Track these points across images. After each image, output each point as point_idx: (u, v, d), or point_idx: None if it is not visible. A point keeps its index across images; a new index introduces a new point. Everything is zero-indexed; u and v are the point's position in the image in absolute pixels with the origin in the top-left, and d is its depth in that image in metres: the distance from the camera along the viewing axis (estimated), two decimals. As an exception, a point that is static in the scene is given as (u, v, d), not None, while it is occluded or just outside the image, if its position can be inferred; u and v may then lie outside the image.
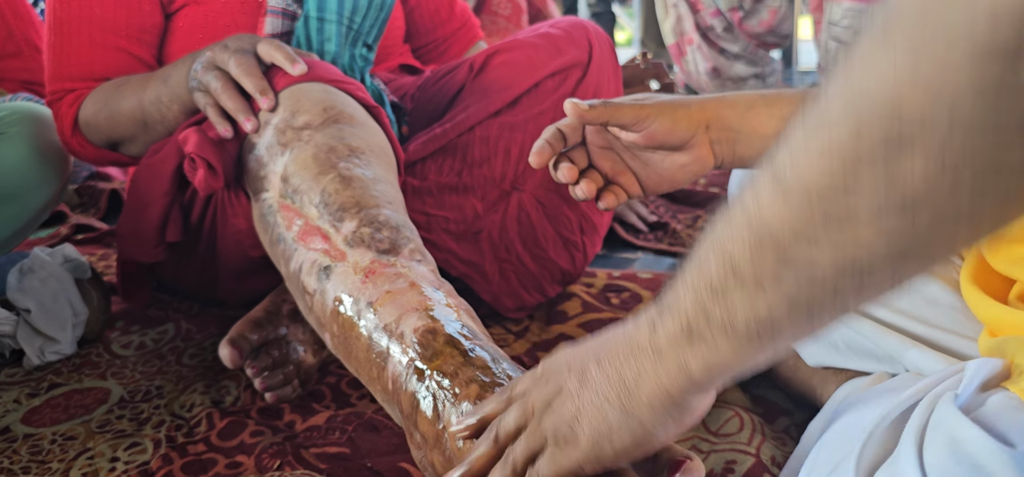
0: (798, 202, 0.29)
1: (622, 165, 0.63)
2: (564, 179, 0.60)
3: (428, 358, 0.53)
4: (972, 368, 0.40)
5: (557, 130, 0.61)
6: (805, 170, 0.28)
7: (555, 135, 0.61)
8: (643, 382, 0.38)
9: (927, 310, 0.55)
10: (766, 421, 0.69)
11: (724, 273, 0.33)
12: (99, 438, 0.73)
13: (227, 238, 0.85)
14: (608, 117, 0.59)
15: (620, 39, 4.19)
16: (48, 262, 0.90)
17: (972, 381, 0.39)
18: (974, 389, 0.39)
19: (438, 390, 0.52)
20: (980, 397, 0.39)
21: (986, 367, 0.40)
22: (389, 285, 0.59)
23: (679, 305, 0.36)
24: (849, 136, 0.27)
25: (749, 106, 0.60)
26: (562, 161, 0.60)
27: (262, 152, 0.71)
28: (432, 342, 0.54)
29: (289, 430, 0.73)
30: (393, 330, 0.56)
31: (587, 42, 0.93)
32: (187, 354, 0.90)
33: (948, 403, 0.37)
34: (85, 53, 0.89)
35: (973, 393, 0.39)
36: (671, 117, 0.59)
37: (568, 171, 0.60)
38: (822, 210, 0.28)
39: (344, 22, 0.92)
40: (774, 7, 1.71)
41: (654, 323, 0.37)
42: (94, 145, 0.92)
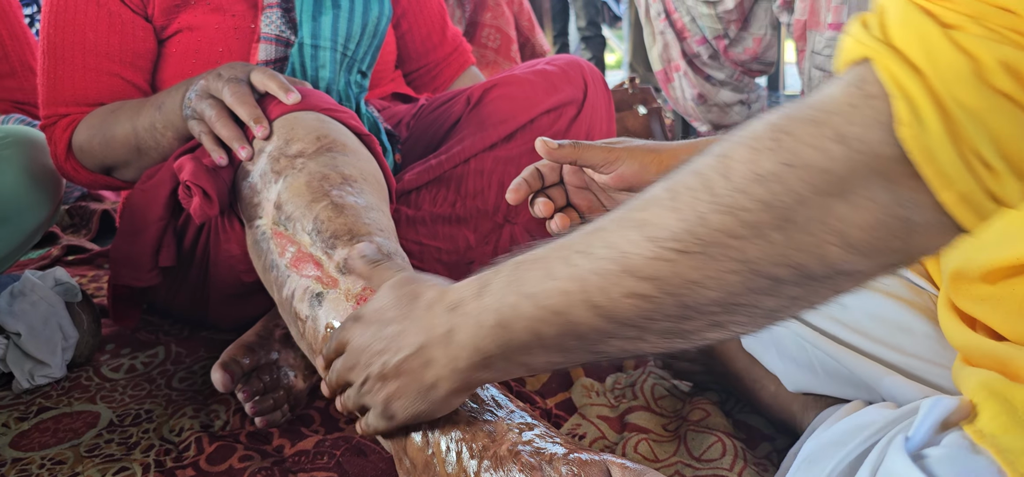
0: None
1: (598, 204, 0.66)
2: (540, 214, 0.63)
3: None
4: (926, 406, 0.41)
5: (535, 169, 0.64)
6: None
7: (532, 174, 0.64)
8: (441, 384, 0.48)
9: (903, 339, 0.57)
10: (748, 446, 0.70)
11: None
12: (88, 462, 0.73)
13: (220, 263, 0.86)
14: (577, 156, 0.61)
15: (610, 61, 4.24)
16: (39, 285, 0.91)
17: (925, 421, 0.40)
18: (929, 428, 0.40)
19: None
20: (935, 437, 0.40)
21: (942, 405, 0.41)
22: None
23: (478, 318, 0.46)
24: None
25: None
26: (539, 197, 0.64)
27: (256, 179, 0.72)
28: None
29: (278, 454, 0.74)
30: None
31: (582, 81, 0.95)
32: (177, 378, 0.90)
33: (898, 448, 0.39)
34: (79, 78, 0.90)
35: (928, 432, 0.40)
36: (640, 161, 0.61)
37: (544, 206, 0.63)
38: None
39: (338, 49, 0.94)
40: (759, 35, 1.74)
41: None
42: (87, 169, 0.93)
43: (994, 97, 0.29)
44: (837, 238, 0.33)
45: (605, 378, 0.86)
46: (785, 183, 0.34)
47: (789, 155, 0.33)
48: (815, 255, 0.34)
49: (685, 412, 0.76)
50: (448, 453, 0.51)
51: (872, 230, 0.33)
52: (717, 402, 0.77)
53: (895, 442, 0.39)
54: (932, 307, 0.57)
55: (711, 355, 0.77)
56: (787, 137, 0.34)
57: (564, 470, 0.47)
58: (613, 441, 0.74)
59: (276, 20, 0.92)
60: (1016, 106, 0.29)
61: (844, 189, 0.33)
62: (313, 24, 0.92)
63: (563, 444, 0.49)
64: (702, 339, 0.40)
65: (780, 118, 0.35)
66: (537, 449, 0.49)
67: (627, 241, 0.39)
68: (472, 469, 0.50)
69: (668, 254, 0.37)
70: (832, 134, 0.32)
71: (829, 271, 0.35)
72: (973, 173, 0.30)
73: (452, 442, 0.51)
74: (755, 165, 0.35)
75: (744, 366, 0.72)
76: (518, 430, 0.51)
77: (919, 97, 0.30)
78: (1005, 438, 0.37)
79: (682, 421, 0.75)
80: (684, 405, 0.78)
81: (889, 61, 0.31)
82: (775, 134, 0.34)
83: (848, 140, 0.32)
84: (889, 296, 0.58)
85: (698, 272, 0.37)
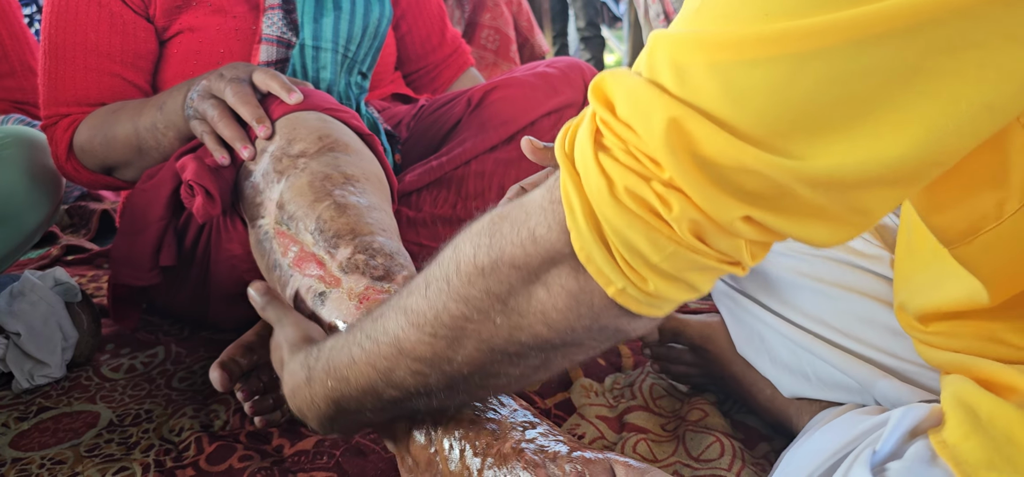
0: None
1: None
2: None
3: None
4: (896, 416, 0.42)
5: (520, 188, 0.63)
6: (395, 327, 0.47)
7: (518, 193, 0.62)
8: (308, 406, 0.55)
9: (894, 342, 0.57)
10: (746, 447, 0.71)
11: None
12: (88, 462, 0.74)
13: (221, 262, 0.86)
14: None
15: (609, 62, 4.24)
16: (38, 285, 0.91)
17: (895, 431, 0.41)
18: (898, 438, 0.41)
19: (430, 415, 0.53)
20: (903, 446, 0.41)
21: (913, 414, 0.42)
22: None
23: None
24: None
25: None
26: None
27: (258, 179, 0.72)
28: None
29: (277, 454, 0.74)
30: None
31: (583, 83, 0.96)
32: (177, 378, 0.91)
33: (863, 464, 0.39)
34: (80, 78, 0.90)
35: (896, 442, 0.41)
36: None
37: None
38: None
39: (339, 50, 0.94)
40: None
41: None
42: (88, 169, 0.93)
43: (627, 214, 0.34)
44: (542, 319, 0.40)
45: (604, 378, 0.86)
46: (498, 275, 0.40)
47: (498, 251, 0.40)
48: (531, 333, 0.41)
49: (683, 412, 0.77)
50: (451, 451, 0.51)
51: (566, 312, 0.39)
52: (715, 402, 0.78)
53: (862, 456, 0.40)
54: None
55: (708, 358, 0.78)
56: (497, 234, 0.40)
57: (568, 468, 0.47)
58: (612, 441, 0.74)
59: (277, 21, 0.92)
60: (642, 222, 0.34)
61: (540, 278, 0.39)
62: (314, 26, 0.92)
63: (566, 442, 0.50)
64: (482, 395, 0.51)
65: (495, 215, 0.41)
66: (541, 447, 0.49)
67: (398, 327, 0.46)
68: (475, 467, 0.50)
69: (426, 338, 0.44)
70: (528, 234, 0.39)
71: (545, 345, 0.41)
72: (624, 274, 0.36)
73: (455, 440, 0.51)
74: (475, 260, 0.41)
75: (741, 369, 0.73)
76: (521, 428, 0.51)
77: (578, 208, 0.36)
78: (965, 447, 0.38)
79: (680, 421, 0.75)
80: (682, 405, 0.78)
81: (566, 173, 0.37)
82: (490, 230, 0.41)
83: (538, 239, 0.38)
84: (880, 300, 0.58)
85: (450, 350, 0.44)
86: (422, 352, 0.45)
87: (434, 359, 0.45)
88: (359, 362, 0.49)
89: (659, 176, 0.33)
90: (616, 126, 0.34)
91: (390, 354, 0.47)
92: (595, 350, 0.43)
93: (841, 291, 0.60)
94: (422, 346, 0.45)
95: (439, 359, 0.45)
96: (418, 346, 0.45)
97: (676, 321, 0.81)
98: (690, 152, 0.32)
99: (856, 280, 0.60)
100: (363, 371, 0.49)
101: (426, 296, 0.44)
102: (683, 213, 0.33)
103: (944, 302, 0.43)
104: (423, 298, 0.44)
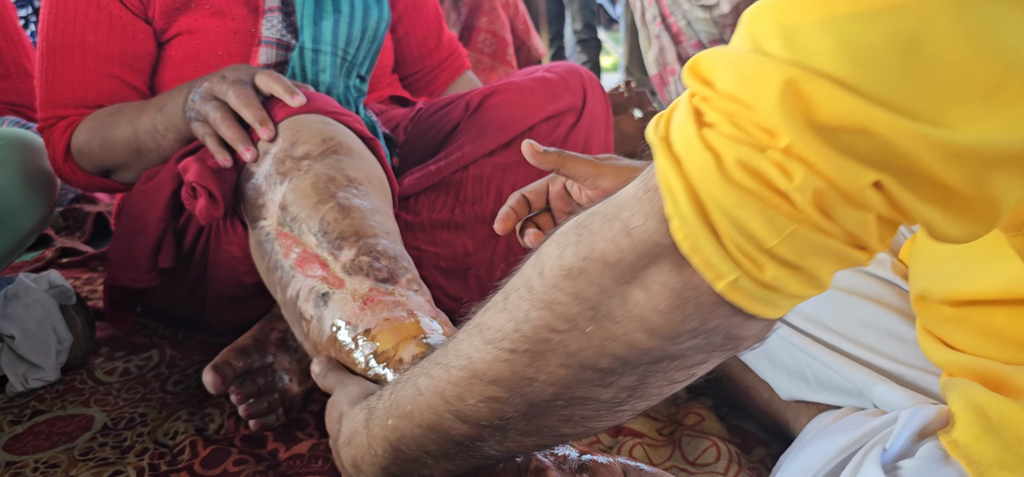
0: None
1: None
2: (529, 244, 0.62)
3: None
4: (905, 417, 0.42)
5: (521, 197, 0.63)
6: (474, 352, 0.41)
7: (519, 201, 0.63)
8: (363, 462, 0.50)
9: (894, 346, 0.57)
10: (743, 451, 0.71)
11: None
12: (82, 466, 0.73)
13: (220, 265, 0.86)
14: (561, 165, 0.60)
15: (606, 64, 4.25)
16: (33, 288, 0.91)
17: (904, 431, 0.41)
18: (908, 437, 0.41)
19: None
20: (912, 446, 0.41)
21: (921, 415, 0.42)
22: (387, 313, 0.60)
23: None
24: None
25: None
26: (528, 227, 0.63)
27: (260, 181, 0.72)
28: None
29: (272, 458, 0.74)
30: (391, 356, 0.57)
31: (581, 88, 0.96)
32: (171, 381, 0.90)
33: (874, 461, 0.39)
34: (78, 80, 0.90)
35: (906, 441, 0.41)
36: (625, 179, 0.61)
37: (533, 237, 0.62)
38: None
39: (339, 53, 0.94)
40: (755, 40, 1.75)
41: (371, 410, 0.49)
42: (86, 172, 0.93)
43: (738, 191, 0.30)
44: (641, 324, 0.35)
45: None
46: (588, 276, 0.36)
47: (587, 248, 0.36)
48: (626, 343, 0.36)
49: (680, 417, 0.76)
50: None
51: (668, 314, 0.34)
52: (712, 407, 0.78)
53: (871, 454, 0.40)
54: (921, 316, 0.58)
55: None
56: (586, 232, 0.36)
57: (579, 472, 0.47)
58: (608, 445, 0.74)
59: (277, 24, 0.92)
60: (756, 199, 0.30)
61: (636, 277, 0.34)
62: (314, 28, 0.92)
63: (574, 447, 0.50)
64: (562, 435, 0.42)
65: (584, 215, 0.37)
66: (552, 451, 0.49)
67: (472, 347, 0.41)
68: None
69: (504, 354, 0.39)
70: (620, 227, 0.35)
71: (645, 358, 0.36)
72: (736, 263, 0.31)
73: None
74: (562, 261, 0.37)
75: (738, 372, 0.73)
76: None
77: (680, 192, 0.32)
78: (977, 447, 0.38)
79: (677, 426, 0.75)
80: (679, 410, 0.78)
81: (662, 156, 0.33)
82: (578, 230, 0.37)
83: (633, 232, 0.34)
84: (880, 303, 0.58)
85: (532, 369, 0.39)
86: (499, 372, 0.40)
87: (512, 380, 0.39)
88: (426, 393, 0.43)
89: (775, 145, 0.29)
90: (719, 101, 0.31)
91: (462, 380, 0.41)
92: (700, 367, 0.37)
93: (841, 294, 0.60)
94: (499, 365, 0.39)
95: (518, 380, 0.39)
96: (494, 365, 0.40)
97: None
98: (808, 117, 0.28)
99: (857, 283, 0.60)
100: (429, 403, 0.43)
101: (505, 308, 0.39)
102: (806, 182, 0.29)
103: (982, 289, 0.41)
104: (501, 311, 0.40)
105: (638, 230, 0.34)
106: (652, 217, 0.34)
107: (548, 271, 0.37)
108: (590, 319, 0.36)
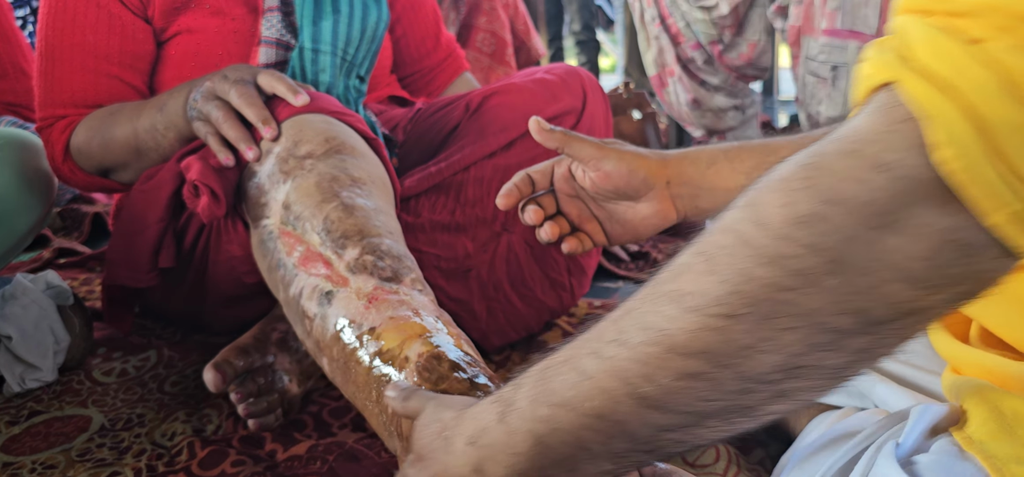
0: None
1: (588, 214, 0.66)
2: (529, 221, 0.63)
3: (433, 382, 0.54)
4: (916, 413, 0.41)
5: (526, 175, 0.65)
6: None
7: (524, 179, 0.64)
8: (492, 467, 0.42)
9: (894, 347, 0.57)
10: (742, 452, 0.70)
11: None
12: (79, 467, 0.73)
13: (220, 264, 0.86)
14: (566, 145, 0.62)
15: (605, 65, 4.25)
16: (30, 289, 0.90)
17: (916, 427, 0.41)
18: (920, 434, 0.40)
19: None
20: (925, 443, 0.40)
21: (932, 412, 0.41)
22: (392, 312, 0.60)
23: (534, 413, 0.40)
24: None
25: (711, 162, 0.63)
26: (530, 204, 0.64)
27: (263, 180, 0.72)
28: (437, 367, 0.55)
29: (270, 459, 0.74)
30: (396, 355, 0.57)
31: (582, 90, 0.96)
32: (169, 382, 0.90)
33: (888, 455, 0.39)
34: (77, 79, 0.90)
35: (918, 438, 0.40)
36: (628, 164, 0.61)
37: (533, 213, 0.63)
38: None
39: (338, 53, 0.94)
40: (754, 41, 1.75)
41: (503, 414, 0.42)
42: (85, 171, 0.92)
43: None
44: (896, 273, 0.31)
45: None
46: (830, 222, 0.31)
47: (828, 191, 0.31)
48: (876, 296, 0.31)
49: (679, 417, 0.76)
50: None
51: (931, 259, 0.30)
52: (711, 407, 0.78)
53: (885, 448, 0.40)
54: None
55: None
56: (821, 173, 0.32)
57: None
58: (607, 446, 0.74)
59: (276, 24, 0.92)
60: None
61: (895, 220, 0.30)
62: (313, 28, 0.92)
63: None
64: (767, 414, 0.36)
65: (808, 156, 0.33)
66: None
67: (665, 318, 0.35)
68: None
69: (715, 322, 0.34)
70: (870, 164, 0.30)
71: (894, 312, 0.32)
72: (1016, 192, 0.28)
73: None
74: (793, 208, 0.32)
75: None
76: None
77: (953, 118, 0.28)
78: (992, 444, 0.38)
79: (676, 426, 0.75)
80: (678, 410, 0.78)
81: (916, 83, 0.30)
82: (807, 173, 0.32)
83: (890, 167, 0.30)
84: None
85: (752, 336, 0.33)
86: (707, 343, 0.34)
87: (725, 352, 0.34)
88: (595, 375, 0.37)
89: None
90: (986, 15, 0.28)
91: (651, 356, 0.35)
92: (930, 320, 0.33)
93: None
94: (708, 334, 0.34)
95: (732, 350, 0.34)
96: (701, 335, 0.34)
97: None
98: None
99: None
100: (602, 387, 0.37)
101: (711, 269, 0.34)
102: None
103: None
104: (704, 274, 0.34)
105: (895, 165, 0.30)
106: (911, 150, 0.29)
107: (774, 221, 0.32)
108: (830, 272, 0.31)
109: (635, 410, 0.36)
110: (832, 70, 1.55)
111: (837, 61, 1.55)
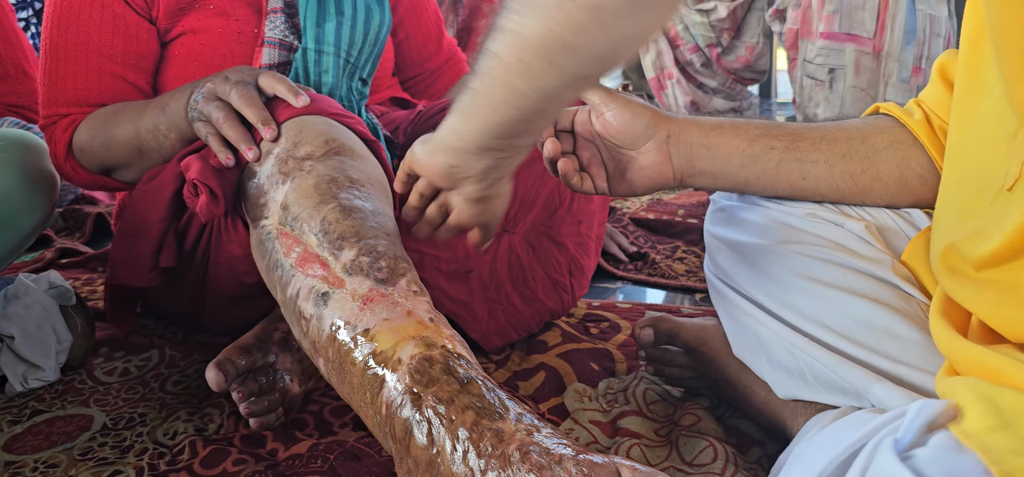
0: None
1: (598, 159, 0.71)
2: (548, 153, 0.69)
3: (424, 384, 0.55)
4: (914, 409, 0.42)
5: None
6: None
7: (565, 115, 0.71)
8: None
9: (892, 345, 0.57)
10: (739, 451, 0.71)
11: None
12: (81, 466, 0.74)
13: (221, 264, 0.86)
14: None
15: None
16: (33, 288, 0.91)
17: (914, 422, 0.41)
18: (918, 429, 0.41)
19: (434, 416, 0.53)
20: (923, 437, 0.41)
21: (929, 408, 0.42)
22: (387, 313, 0.60)
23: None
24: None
25: (715, 126, 0.68)
26: (548, 137, 0.70)
27: (263, 180, 0.72)
28: (429, 369, 0.56)
29: (272, 458, 0.74)
30: (389, 357, 0.57)
31: None
32: (171, 381, 0.91)
33: (887, 449, 0.39)
34: (81, 79, 0.91)
35: (917, 433, 0.41)
36: (631, 111, 0.67)
37: (552, 146, 0.69)
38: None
39: (342, 55, 0.94)
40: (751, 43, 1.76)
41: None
42: (87, 170, 0.93)
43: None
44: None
45: (597, 383, 0.86)
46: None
47: None
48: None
49: (677, 417, 0.77)
50: (454, 453, 0.51)
51: None
52: (708, 407, 0.78)
53: (884, 443, 0.40)
54: (921, 315, 0.58)
55: (702, 361, 0.78)
56: None
57: (574, 471, 0.47)
58: (606, 446, 0.75)
59: (280, 25, 0.93)
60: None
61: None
62: (317, 30, 0.92)
63: (570, 446, 0.50)
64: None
65: None
66: (546, 449, 0.49)
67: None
68: (479, 468, 0.50)
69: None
70: None
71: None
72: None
73: (458, 442, 0.51)
74: None
75: (735, 372, 0.73)
76: (526, 430, 0.51)
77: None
78: (990, 438, 0.38)
79: (674, 426, 0.76)
80: (676, 410, 0.79)
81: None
82: None
83: None
84: (878, 303, 0.59)
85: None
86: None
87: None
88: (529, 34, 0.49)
89: None
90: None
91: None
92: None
93: (840, 293, 0.60)
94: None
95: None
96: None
97: (671, 323, 0.81)
98: None
99: (856, 283, 0.60)
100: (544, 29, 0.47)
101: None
102: None
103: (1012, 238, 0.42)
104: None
105: None
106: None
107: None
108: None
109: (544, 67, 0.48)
110: (829, 73, 1.56)
111: (834, 64, 1.56)
